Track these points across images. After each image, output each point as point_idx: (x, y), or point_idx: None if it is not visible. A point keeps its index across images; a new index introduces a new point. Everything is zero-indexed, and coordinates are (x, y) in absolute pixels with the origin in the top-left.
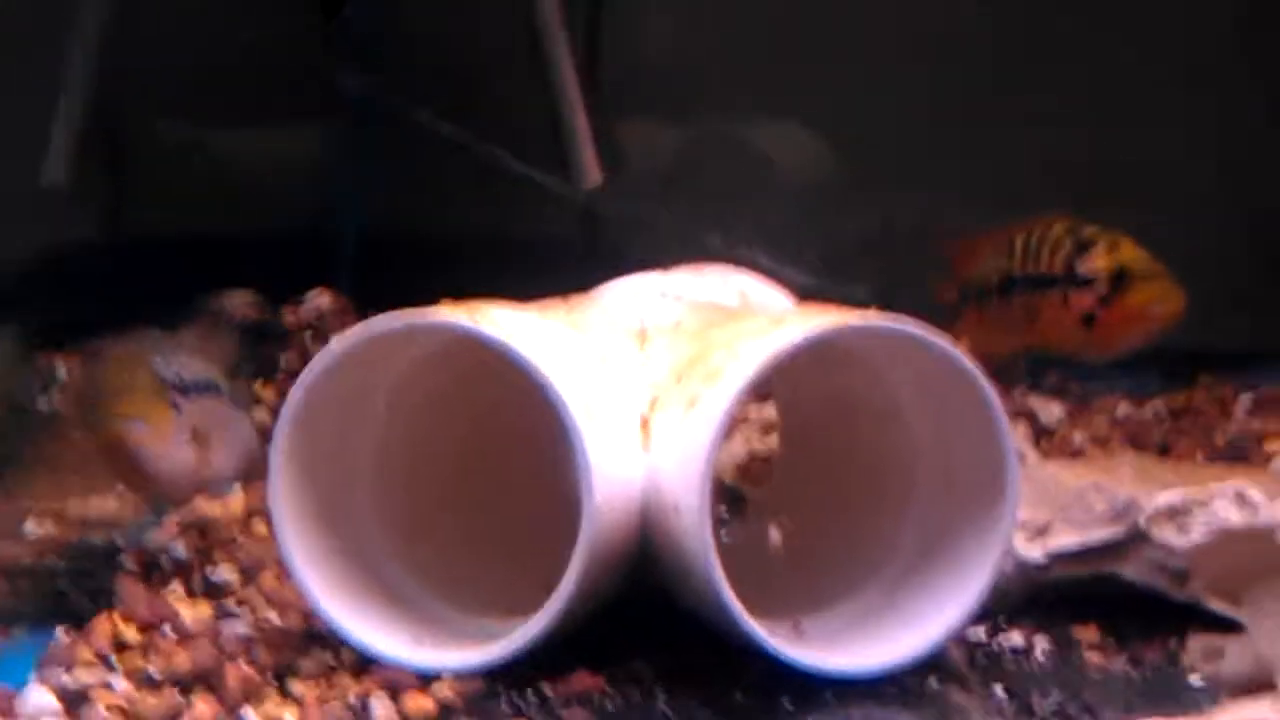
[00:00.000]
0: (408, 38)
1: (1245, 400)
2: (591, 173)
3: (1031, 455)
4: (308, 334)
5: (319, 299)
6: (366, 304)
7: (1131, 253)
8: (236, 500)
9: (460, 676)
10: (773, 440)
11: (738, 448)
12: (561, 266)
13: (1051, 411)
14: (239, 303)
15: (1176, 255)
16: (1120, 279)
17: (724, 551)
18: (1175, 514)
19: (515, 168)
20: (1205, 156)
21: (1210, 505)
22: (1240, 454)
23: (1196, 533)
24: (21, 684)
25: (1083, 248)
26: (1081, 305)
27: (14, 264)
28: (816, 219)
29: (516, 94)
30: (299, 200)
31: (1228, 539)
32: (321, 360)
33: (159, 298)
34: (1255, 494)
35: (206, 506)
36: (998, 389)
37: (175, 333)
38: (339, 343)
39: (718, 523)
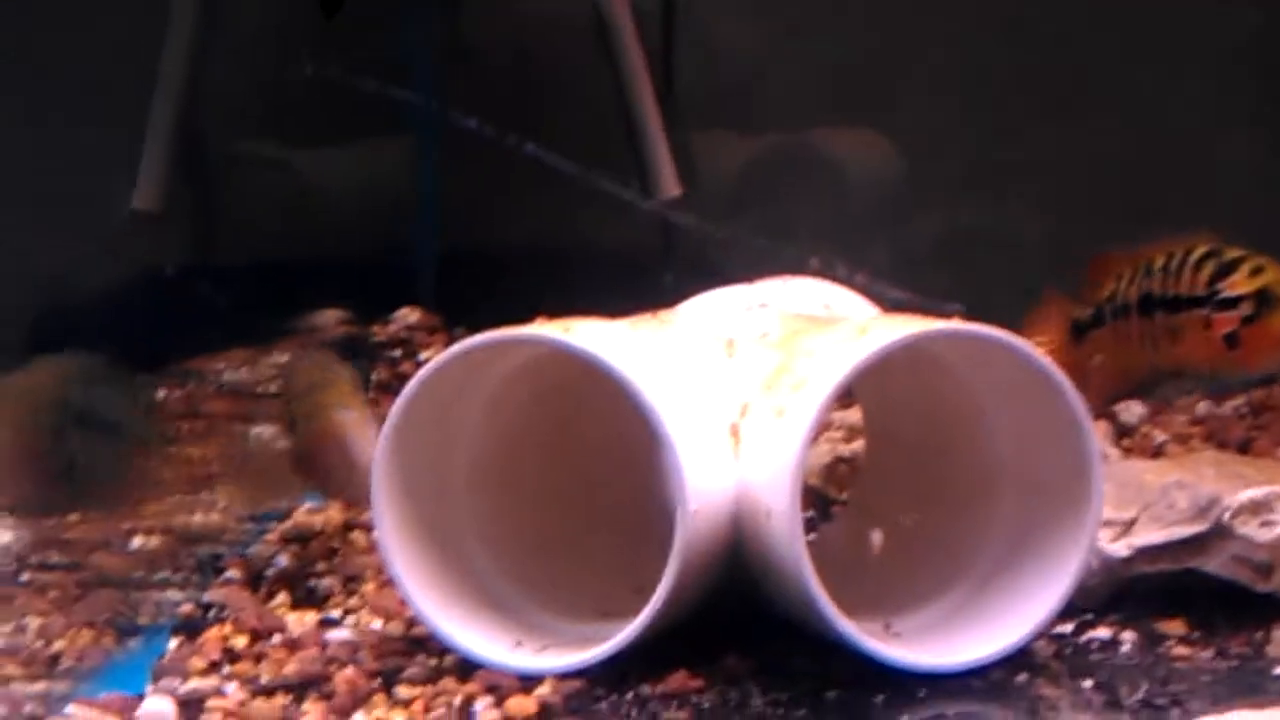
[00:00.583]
0: (482, 54)
1: None
2: (670, 185)
3: (1114, 454)
4: (398, 350)
5: (407, 315)
6: (453, 320)
7: (1275, 275)
8: (335, 512)
9: (560, 678)
10: (857, 444)
11: (823, 451)
12: (643, 280)
13: (1133, 411)
14: (330, 320)
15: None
16: (1264, 301)
17: (813, 553)
18: (1258, 509)
19: (595, 181)
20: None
21: None
22: None
23: (1279, 527)
24: (139, 693)
25: (1226, 269)
26: (1224, 326)
27: (107, 288)
28: (898, 228)
29: (595, 108)
30: (382, 220)
31: None
32: (420, 376)
33: (249, 320)
34: None
35: (307, 518)
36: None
37: (269, 352)
38: (436, 359)
39: (806, 525)
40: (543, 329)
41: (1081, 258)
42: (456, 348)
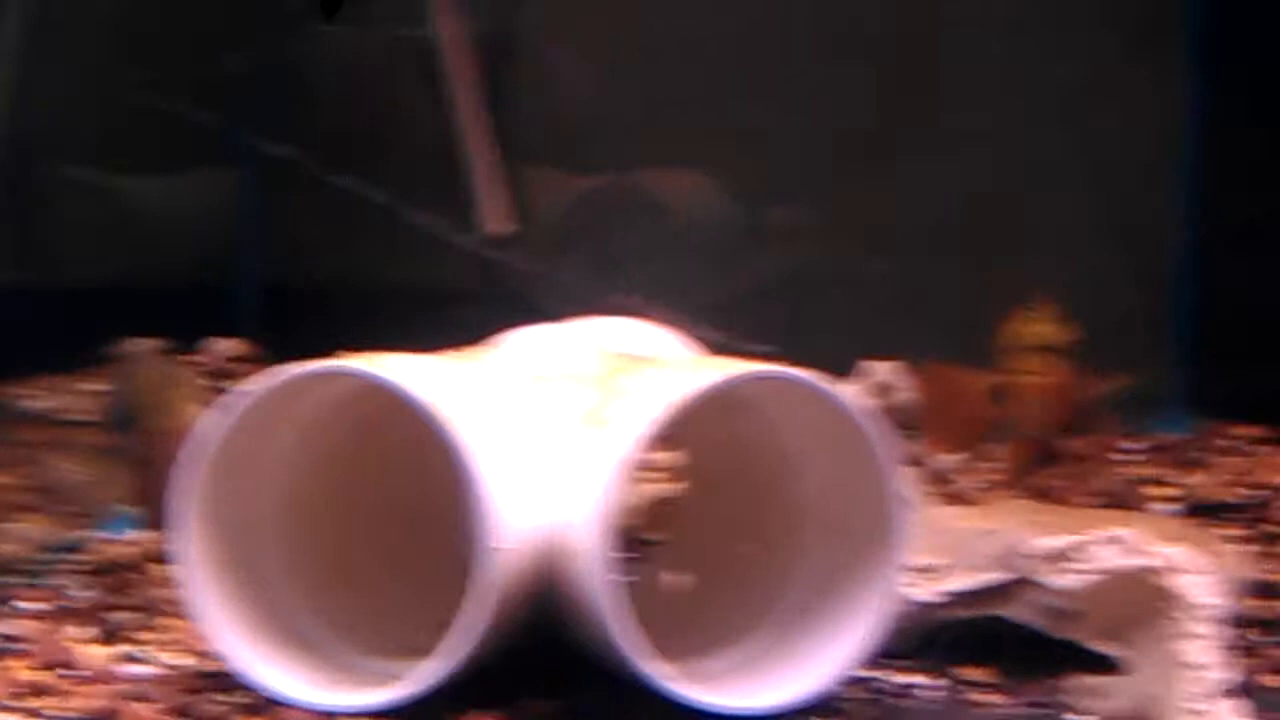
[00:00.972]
0: (311, 90)
1: (1131, 446)
2: (497, 222)
3: (923, 501)
4: (219, 381)
5: (227, 346)
6: (272, 353)
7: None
8: (135, 542)
9: (360, 716)
10: (678, 486)
11: (640, 492)
12: (465, 317)
13: (943, 459)
14: (145, 348)
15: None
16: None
17: (625, 594)
18: (1058, 558)
19: (418, 219)
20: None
21: (1091, 549)
22: (1125, 499)
23: (1078, 575)
24: None
25: None
26: None
27: None
28: (719, 271)
29: (424, 146)
30: (203, 250)
31: (1108, 581)
32: (228, 406)
33: (64, 345)
34: (1134, 538)
35: (107, 549)
36: (889, 437)
37: (78, 379)
38: (246, 390)
39: (616, 566)
40: (354, 362)
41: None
42: (264, 378)
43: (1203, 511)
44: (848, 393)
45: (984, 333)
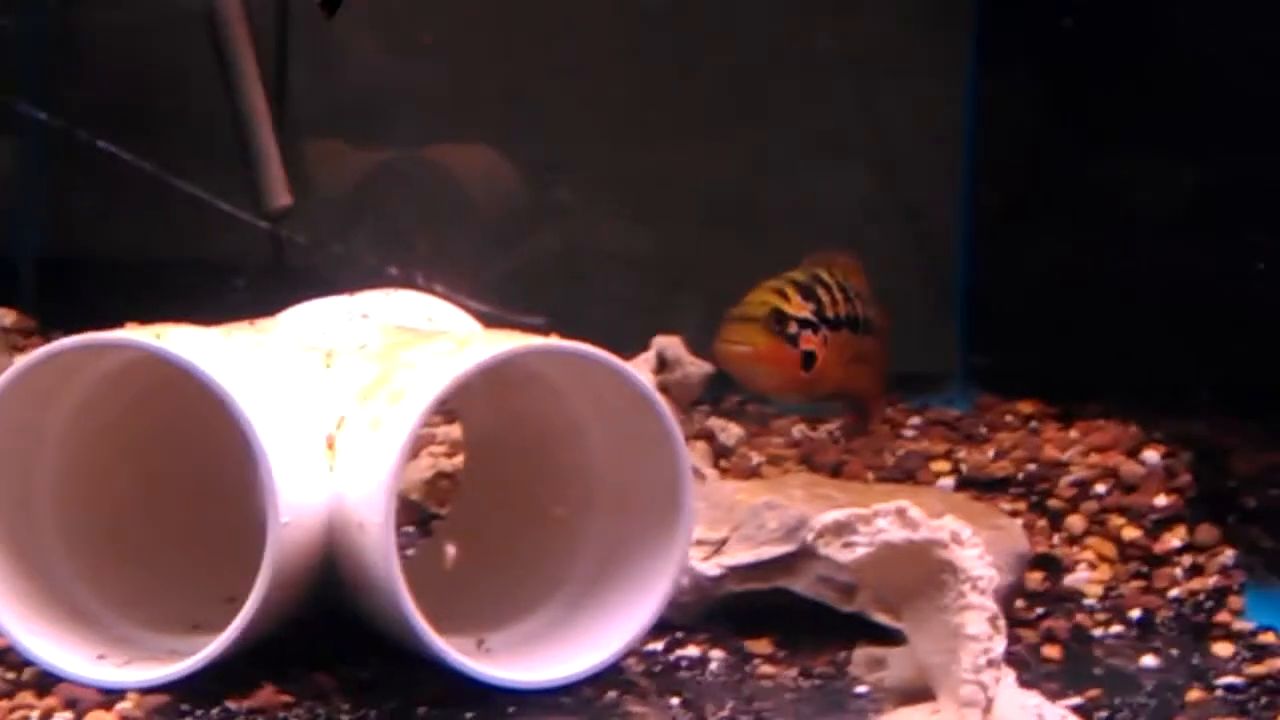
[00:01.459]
0: (94, 52)
1: (915, 422)
2: (279, 196)
3: (710, 474)
4: None
5: (3, 317)
6: (51, 325)
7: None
8: None
9: (144, 693)
10: (459, 460)
11: (424, 466)
12: (249, 291)
13: (731, 432)
14: None
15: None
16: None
17: (409, 568)
18: (841, 530)
19: (197, 192)
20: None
21: (874, 522)
22: (909, 474)
23: (860, 548)
24: None
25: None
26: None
27: None
28: (502, 246)
29: (204, 116)
30: None
31: (890, 554)
32: (5, 377)
33: None
34: (915, 512)
35: None
36: (676, 411)
37: None
38: (22, 360)
39: (403, 540)
40: (134, 333)
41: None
42: (43, 350)
43: (985, 486)
44: (633, 367)
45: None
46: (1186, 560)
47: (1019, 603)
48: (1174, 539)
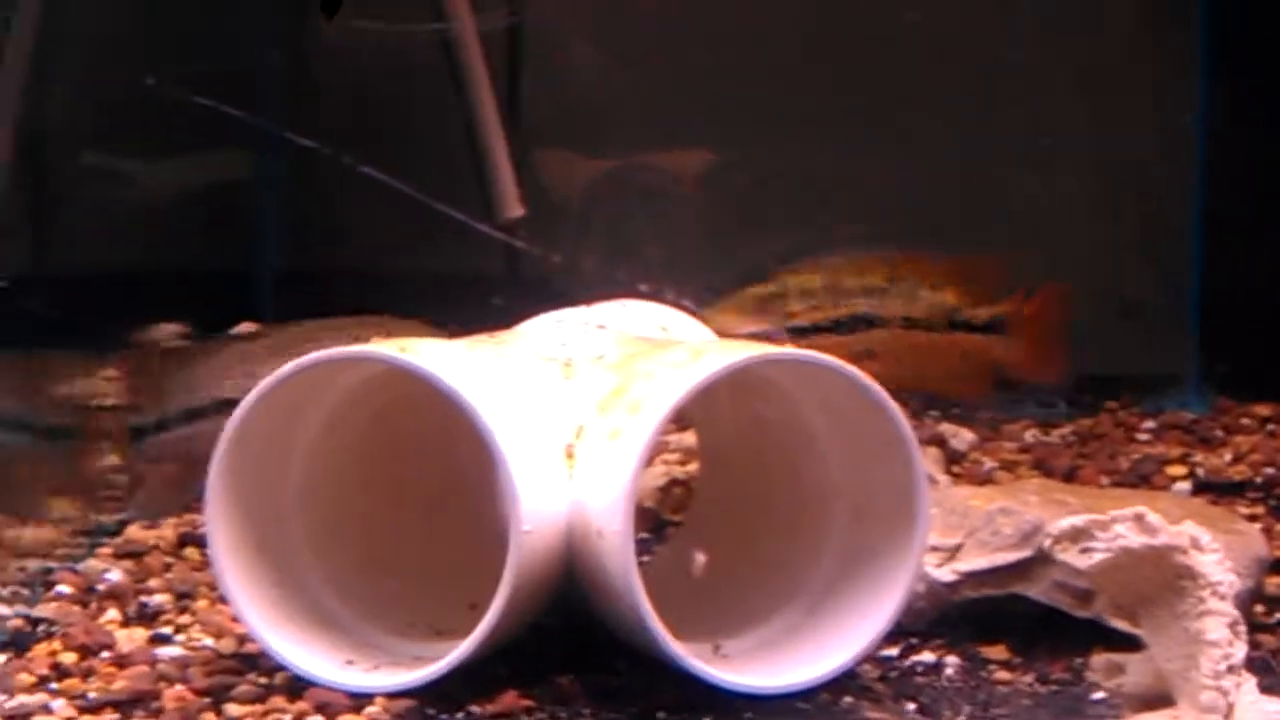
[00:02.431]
0: (330, 71)
1: (1150, 425)
2: (512, 207)
3: (943, 480)
4: None
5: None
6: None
7: None
8: (169, 527)
9: (391, 697)
10: (692, 467)
11: (658, 473)
12: (485, 302)
13: (963, 438)
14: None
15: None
16: None
17: (646, 574)
18: (1078, 536)
19: (435, 204)
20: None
21: (1111, 528)
22: (1143, 478)
23: (1098, 554)
24: None
25: None
26: None
27: None
28: (731, 253)
29: (439, 129)
30: (223, 233)
31: (1127, 560)
32: (257, 390)
33: (85, 330)
34: (1153, 517)
35: (140, 533)
36: (909, 417)
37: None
38: (273, 374)
39: (640, 547)
40: (380, 347)
41: None
42: (294, 364)
43: (1222, 490)
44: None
45: None
46: None
47: (1258, 608)
48: None
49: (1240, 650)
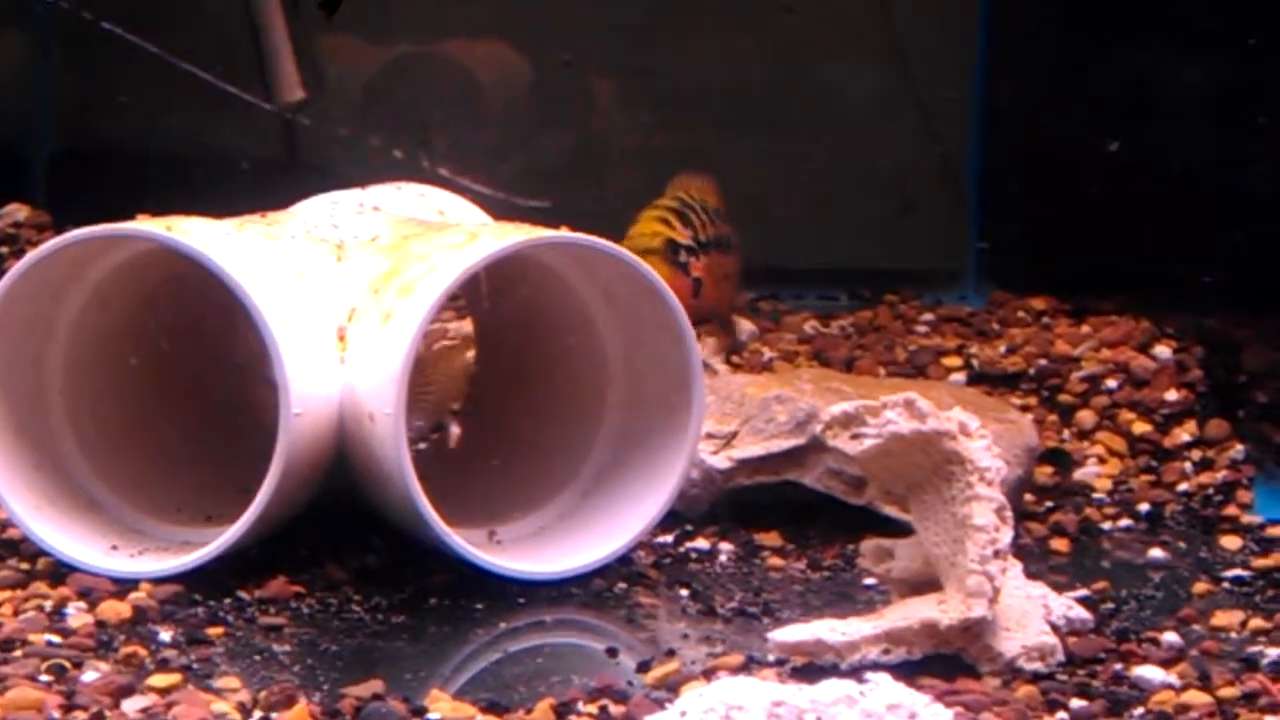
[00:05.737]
0: None
1: (928, 318)
2: (292, 89)
3: (721, 369)
4: (3, 247)
5: (14, 212)
6: (64, 219)
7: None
8: None
9: (157, 583)
10: (471, 354)
11: (434, 358)
12: (262, 184)
13: (743, 328)
14: None
15: (857, 175)
16: None
17: (420, 460)
18: (850, 422)
19: (215, 82)
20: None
21: (881, 414)
22: (920, 369)
23: (869, 440)
24: None
25: None
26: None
27: None
28: (516, 140)
29: (218, 8)
30: None
31: (897, 445)
32: (15, 270)
33: None
34: (923, 403)
35: None
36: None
37: None
38: (32, 254)
39: (413, 434)
40: (146, 225)
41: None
42: (53, 241)
43: (996, 381)
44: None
45: None
46: (1196, 455)
47: (1028, 496)
48: (1184, 434)
49: (1006, 536)
